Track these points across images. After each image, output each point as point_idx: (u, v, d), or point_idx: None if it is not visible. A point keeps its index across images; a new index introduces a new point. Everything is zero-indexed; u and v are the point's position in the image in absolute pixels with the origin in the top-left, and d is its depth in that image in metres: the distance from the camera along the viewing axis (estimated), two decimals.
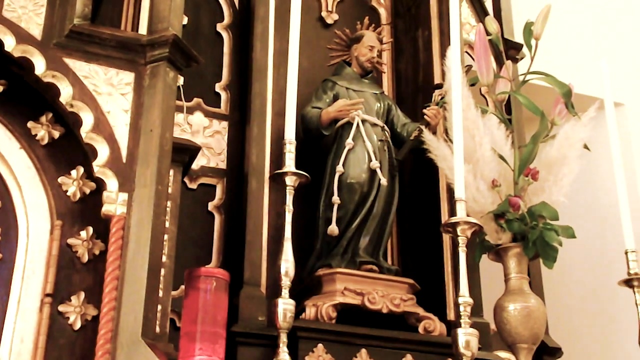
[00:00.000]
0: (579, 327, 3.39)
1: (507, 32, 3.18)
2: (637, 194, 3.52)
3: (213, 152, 2.58)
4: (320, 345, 2.23)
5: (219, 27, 2.75)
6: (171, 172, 2.07)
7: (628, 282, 2.42)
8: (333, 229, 2.49)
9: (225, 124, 2.63)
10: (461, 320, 2.06)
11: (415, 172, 2.76)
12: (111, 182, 1.94)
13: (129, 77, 2.05)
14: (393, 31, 3.10)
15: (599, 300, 3.47)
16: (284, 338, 2.04)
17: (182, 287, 2.16)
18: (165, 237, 2.00)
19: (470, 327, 2.05)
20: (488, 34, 2.53)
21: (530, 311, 2.27)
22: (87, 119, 1.96)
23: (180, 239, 2.16)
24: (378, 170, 2.57)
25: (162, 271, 1.97)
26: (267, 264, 2.35)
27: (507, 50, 2.88)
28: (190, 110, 2.58)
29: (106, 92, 2.01)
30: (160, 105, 2.00)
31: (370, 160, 2.58)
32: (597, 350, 3.37)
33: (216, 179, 2.56)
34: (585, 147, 2.49)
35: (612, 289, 2.62)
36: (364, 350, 2.29)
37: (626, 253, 2.43)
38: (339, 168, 2.55)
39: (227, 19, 2.77)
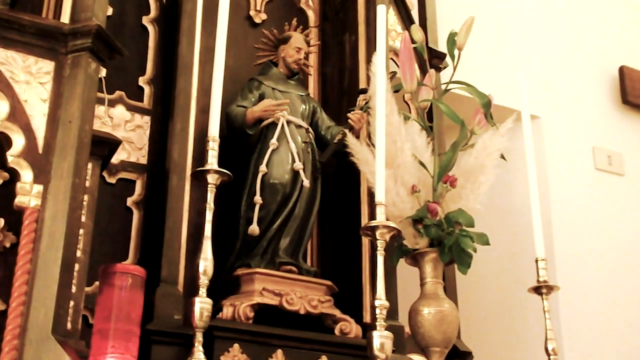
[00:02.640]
0: (489, 332, 3.48)
1: (431, 41, 3.24)
2: (549, 204, 3.65)
3: (134, 147, 2.53)
4: (236, 345, 2.22)
5: (145, 20, 2.71)
6: (89, 165, 2.03)
7: (537, 290, 2.49)
8: (254, 228, 2.49)
9: (147, 118, 2.58)
10: (377, 323, 2.08)
11: (338, 175, 2.78)
12: (26, 173, 1.87)
13: (48, 65, 1.99)
14: (321, 34, 3.11)
15: (509, 306, 3.56)
16: (199, 337, 2.02)
17: (97, 283, 2.11)
18: (81, 231, 1.96)
19: (386, 330, 2.07)
20: (413, 42, 2.57)
21: (443, 315, 2.31)
22: (2, 107, 1.89)
23: (97, 234, 2.12)
24: (301, 172, 2.58)
25: (76, 266, 1.93)
26: (186, 262, 2.32)
27: (430, 59, 2.94)
28: (112, 103, 2.53)
29: (24, 80, 1.95)
30: (80, 97, 1.95)
31: (293, 161, 2.58)
32: (506, 355, 3.46)
33: (136, 174, 2.52)
34: (502, 157, 2.55)
35: (522, 296, 2.69)
36: (279, 351, 2.28)
37: (536, 261, 2.50)
38: (262, 168, 2.55)
39: (153, 12, 2.72)
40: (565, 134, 3.95)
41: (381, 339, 2.06)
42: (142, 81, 2.63)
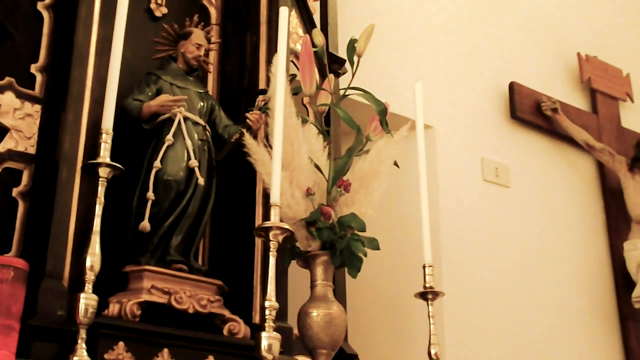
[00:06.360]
0: (375, 335, 3.55)
1: (332, 46, 3.28)
2: (438, 212, 3.75)
3: (22, 136, 2.44)
4: (121, 343, 2.17)
5: (40, 6, 2.61)
6: None
7: (423, 295, 2.55)
8: (145, 225, 2.45)
9: (38, 107, 2.50)
10: (265, 324, 2.09)
11: (234, 175, 2.77)
12: None
13: None
14: (222, 32, 3.10)
15: (396, 310, 3.64)
16: (83, 334, 1.97)
17: None
18: None
19: (274, 331, 2.08)
20: (314, 45, 2.59)
21: (332, 318, 2.34)
22: None
23: None
24: (196, 169, 2.55)
25: None
26: (72, 257, 2.25)
27: (330, 64, 2.97)
28: (1, 90, 2.44)
29: None
30: None
31: (189, 158, 2.56)
32: (391, 358, 3.53)
33: (23, 164, 2.43)
34: (395, 164, 2.61)
35: (408, 301, 2.75)
36: (166, 350, 2.26)
37: (424, 267, 2.56)
38: (157, 164, 2.51)
39: None
40: (456, 144, 4.07)
41: (269, 340, 2.07)
42: (34, 68, 2.54)
